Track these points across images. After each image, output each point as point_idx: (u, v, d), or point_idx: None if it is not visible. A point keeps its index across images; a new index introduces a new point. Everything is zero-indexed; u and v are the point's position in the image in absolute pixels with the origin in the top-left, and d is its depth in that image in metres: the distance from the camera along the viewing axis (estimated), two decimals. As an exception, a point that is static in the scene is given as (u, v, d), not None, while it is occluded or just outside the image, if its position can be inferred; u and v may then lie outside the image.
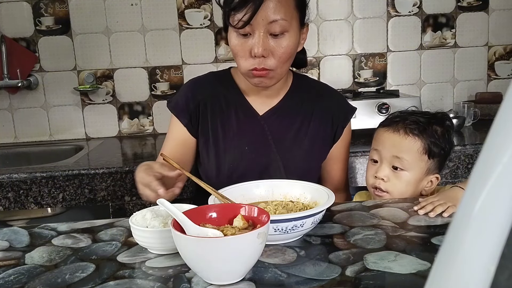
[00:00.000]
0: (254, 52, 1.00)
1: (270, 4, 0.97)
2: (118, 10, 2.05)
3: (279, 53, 1.01)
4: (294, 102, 1.17)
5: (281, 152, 1.14)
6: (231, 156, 1.12)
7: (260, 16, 0.97)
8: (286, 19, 0.99)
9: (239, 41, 1.02)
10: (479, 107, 2.00)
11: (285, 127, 1.15)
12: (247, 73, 1.05)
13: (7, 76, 1.99)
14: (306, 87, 1.20)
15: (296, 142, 1.15)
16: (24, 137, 2.12)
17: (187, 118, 1.15)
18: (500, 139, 0.27)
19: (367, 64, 2.18)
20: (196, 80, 1.20)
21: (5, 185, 1.50)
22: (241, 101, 1.15)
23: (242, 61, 1.04)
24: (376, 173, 1.09)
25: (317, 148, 1.18)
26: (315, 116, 1.17)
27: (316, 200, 0.88)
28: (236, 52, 1.03)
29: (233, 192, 0.91)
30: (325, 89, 1.24)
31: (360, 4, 2.12)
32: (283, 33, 1.01)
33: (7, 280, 0.70)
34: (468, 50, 2.19)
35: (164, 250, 0.76)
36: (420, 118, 1.09)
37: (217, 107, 1.15)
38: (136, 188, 1.54)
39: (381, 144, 1.10)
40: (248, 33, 1.00)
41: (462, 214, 0.28)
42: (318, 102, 1.18)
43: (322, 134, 1.17)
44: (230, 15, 1.00)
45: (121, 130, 2.15)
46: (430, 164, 1.08)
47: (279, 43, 1.01)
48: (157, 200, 0.74)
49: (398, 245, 0.76)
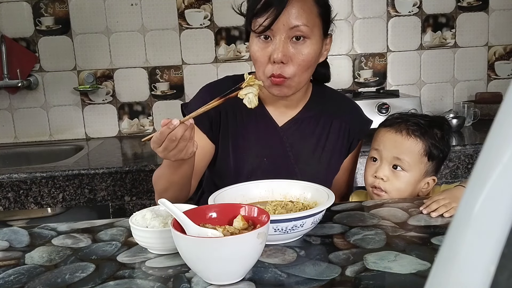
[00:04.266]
0: (274, 58, 0.98)
1: (292, 9, 0.96)
2: (118, 10, 2.05)
3: (299, 60, 0.99)
4: (313, 113, 1.15)
5: (300, 164, 1.12)
6: (249, 166, 1.09)
7: (282, 21, 0.96)
8: (308, 25, 0.98)
9: (259, 46, 1.00)
10: (479, 107, 2.01)
11: (304, 140, 1.13)
12: (266, 81, 1.02)
13: (7, 76, 1.99)
14: (325, 98, 1.18)
15: (314, 155, 1.13)
16: (24, 137, 2.12)
17: (207, 126, 1.11)
18: (500, 139, 0.27)
19: (367, 64, 2.18)
20: (214, 85, 1.17)
21: (5, 185, 1.50)
22: (260, 110, 1.12)
23: (261, 68, 1.02)
24: (375, 172, 1.09)
25: (334, 160, 1.16)
26: (333, 128, 1.15)
27: (316, 200, 0.88)
28: (256, 57, 1.02)
29: (233, 192, 0.91)
30: (343, 100, 1.22)
31: (360, 4, 2.12)
32: (304, 40, 0.99)
33: (7, 280, 0.70)
34: (468, 50, 2.19)
35: (164, 250, 0.76)
36: (421, 121, 1.09)
37: (237, 114, 1.12)
38: (135, 188, 1.55)
39: (382, 144, 1.10)
40: (269, 38, 0.99)
41: (462, 214, 0.28)
42: (336, 114, 1.16)
43: (339, 147, 1.16)
44: (252, 21, 0.99)
45: (121, 130, 2.15)
46: (428, 166, 1.08)
47: (299, 50, 0.99)
48: (158, 200, 0.74)
49: (398, 245, 0.76)
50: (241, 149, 1.11)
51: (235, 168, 1.10)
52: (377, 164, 1.10)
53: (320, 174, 1.13)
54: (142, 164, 1.55)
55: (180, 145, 0.87)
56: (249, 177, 1.09)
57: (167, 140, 0.85)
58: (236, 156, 1.10)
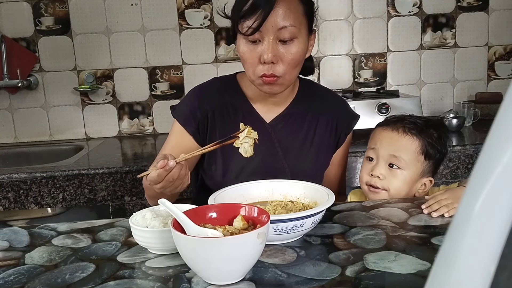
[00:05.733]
0: (264, 59, 0.99)
1: (279, 11, 0.97)
2: (118, 10, 2.05)
3: (288, 59, 1.01)
4: (301, 109, 1.17)
5: (289, 160, 1.13)
6: (238, 165, 1.11)
7: (270, 22, 0.97)
8: (295, 25, 0.99)
9: (248, 47, 1.02)
10: (479, 107, 2.00)
11: (292, 135, 1.15)
12: (257, 80, 1.04)
13: (7, 76, 1.99)
14: (312, 94, 1.20)
15: (303, 150, 1.15)
16: (24, 137, 2.12)
17: (194, 127, 1.13)
18: (500, 139, 0.27)
19: (367, 64, 2.18)
20: (201, 87, 1.18)
21: (5, 185, 1.50)
22: (248, 108, 1.14)
23: (251, 68, 1.03)
24: (371, 171, 1.09)
25: (323, 155, 1.18)
26: (321, 124, 1.17)
27: (316, 200, 0.88)
28: (245, 59, 1.03)
29: (233, 192, 0.91)
30: (329, 96, 1.23)
31: (360, 4, 2.12)
32: (292, 40, 1.00)
33: (7, 280, 0.70)
34: (468, 50, 2.19)
35: (164, 250, 0.76)
36: (418, 120, 1.10)
37: (225, 116, 1.13)
38: (136, 188, 1.55)
39: (378, 142, 1.10)
40: (257, 40, 1.00)
41: (462, 214, 0.28)
42: (323, 109, 1.18)
43: (327, 142, 1.18)
44: (239, 23, 1.00)
45: (121, 130, 2.15)
46: (425, 165, 1.08)
47: (288, 49, 1.00)
48: (158, 200, 0.74)
49: (398, 245, 0.76)
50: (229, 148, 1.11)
51: (223, 167, 1.12)
52: (373, 163, 1.11)
53: (309, 169, 1.14)
54: (142, 164, 1.55)
55: (176, 183, 0.90)
56: (238, 174, 1.10)
57: (165, 181, 0.87)
58: (225, 155, 1.12)
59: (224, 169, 1.12)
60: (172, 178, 0.87)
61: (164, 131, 2.14)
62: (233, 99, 1.15)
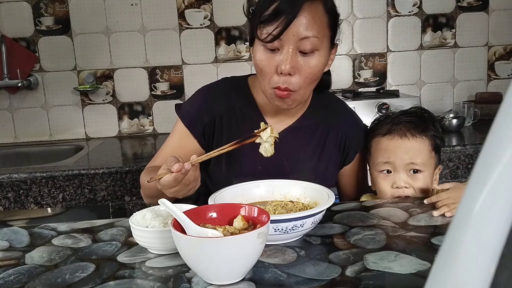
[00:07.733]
0: (281, 69, 0.93)
1: (303, 19, 0.91)
2: (118, 10, 2.05)
3: (307, 72, 0.95)
4: (311, 122, 1.12)
5: (295, 174, 1.07)
6: (242, 173, 1.06)
7: (292, 31, 0.91)
8: (318, 36, 0.93)
9: (265, 56, 0.95)
10: (479, 107, 2.00)
11: (300, 149, 1.10)
12: (269, 90, 0.98)
13: (7, 76, 1.99)
14: (323, 107, 1.15)
15: (310, 164, 1.10)
16: (24, 137, 2.12)
17: (199, 131, 1.08)
18: (500, 139, 0.27)
19: (367, 64, 2.18)
20: (210, 88, 1.13)
21: (5, 185, 1.50)
22: (257, 117, 1.08)
23: (266, 78, 0.97)
24: (394, 183, 1.07)
25: (329, 172, 1.14)
26: (330, 139, 1.12)
27: (316, 200, 0.88)
28: (261, 67, 0.97)
29: (233, 192, 0.91)
30: (341, 110, 1.18)
31: (360, 4, 2.12)
32: (313, 52, 0.94)
33: (7, 280, 0.70)
34: (468, 50, 2.19)
35: (164, 250, 0.76)
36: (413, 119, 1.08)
37: (233, 122, 1.09)
38: (136, 188, 1.55)
39: (392, 154, 1.06)
40: (276, 49, 0.94)
41: (462, 214, 0.28)
42: (334, 124, 1.13)
43: (334, 158, 1.13)
44: (258, 28, 0.94)
45: (121, 130, 2.15)
46: (436, 158, 1.09)
47: (307, 62, 0.95)
48: (159, 200, 0.74)
49: (398, 245, 0.76)
50: (234, 156, 1.07)
51: (227, 175, 1.07)
52: (391, 175, 1.07)
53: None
54: (142, 164, 1.55)
55: (191, 185, 0.87)
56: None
57: (181, 185, 0.84)
58: (230, 163, 1.08)
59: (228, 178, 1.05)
60: (189, 181, 0.84)
61: (164, 131, 2.14)
62: (243, 105, 1.10)
